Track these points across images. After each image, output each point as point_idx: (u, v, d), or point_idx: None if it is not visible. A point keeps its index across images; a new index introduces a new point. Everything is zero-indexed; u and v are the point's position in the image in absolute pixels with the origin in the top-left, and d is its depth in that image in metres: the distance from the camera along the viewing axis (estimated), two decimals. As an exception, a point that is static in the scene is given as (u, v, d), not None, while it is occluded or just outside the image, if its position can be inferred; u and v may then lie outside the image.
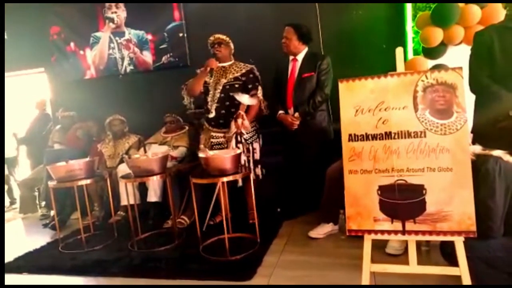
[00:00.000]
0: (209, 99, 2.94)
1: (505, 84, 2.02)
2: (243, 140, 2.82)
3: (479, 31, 2.28)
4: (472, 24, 2.84)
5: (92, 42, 4.27)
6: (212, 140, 2.98)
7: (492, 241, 1.62)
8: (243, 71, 2.94)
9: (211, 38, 2.95)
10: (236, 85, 2.90)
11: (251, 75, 2.94)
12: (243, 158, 2.82)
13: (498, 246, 1.62)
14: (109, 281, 2.25)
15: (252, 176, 2.87)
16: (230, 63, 3.01)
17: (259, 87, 2.92)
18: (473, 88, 2.05)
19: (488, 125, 2.01)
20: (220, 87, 2.89)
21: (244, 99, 2.79)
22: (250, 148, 2.92)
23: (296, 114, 2.86)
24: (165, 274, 2.24)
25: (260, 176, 3.00)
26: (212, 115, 2.91)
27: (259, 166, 3.00)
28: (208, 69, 2.90)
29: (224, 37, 2.93)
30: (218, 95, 2.89)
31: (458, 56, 2.46)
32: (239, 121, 2.73)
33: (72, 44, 4.35)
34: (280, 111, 2.94)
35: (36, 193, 4.09)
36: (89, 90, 4.33)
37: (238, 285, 2.04)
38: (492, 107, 2.00)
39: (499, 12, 2.39)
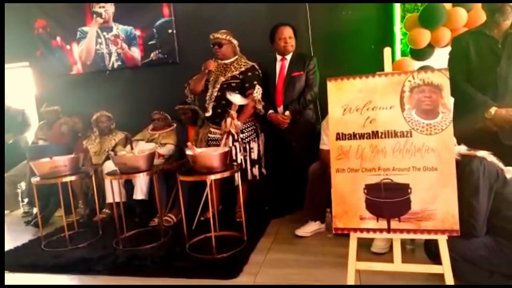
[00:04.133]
0: (207, 97, 2.92)
1: (481, 87, 2.09)
2: (239, 139, 2.81)
3: (456, 36, 2.36)
4: (458, 26, 2.88)
5: (79, 36, 4.19)
6: (209, 135, 2.99)
7: (474, 240, 1.65)
8: (242, 69, 2.90)
9: (211, 37, 2.90)
10: (233, 84, 2.87)
11: (249, 74, 2.89)
12: (240, 157, 2.82)
13: (480, 245, 1.65)
14: (93, 279, 2.21)
15: (249, 176, 2.87)
16: (232, 59, 2.96)
17: (257, 87, 2.85)
18: (450, 92, 2.11)
19: (466, 127, 2.06)
20: (218, 86, 2.87)
21: (235, 98, 2.78)
22: (247, 147, 2.91)
23: (287, 113, 2.87)
24: (151, 272, 2.22)
25: (257, 177, 2.98)
26: (208, 113, 2.91)
27: (257, 166, 2.97)
28: (207, 71, 2.89)
29: (222, 36, 2.88)
30: (215, 93, 2.87)
31: (445, 58, 2.52)
32: (228, 120, 2.73)
33: (58, 39, 4.26)
34: (270, 111, 2.94)
35: (19, 190, 4.00)
36: (75, 86, 4.24)
37: (224, 283, 2.03)
38: (469, 110, 2.06)
39: (484, 16, 2.44)
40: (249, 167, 2.91)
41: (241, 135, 2.84)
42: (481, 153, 1.67)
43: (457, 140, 1.71)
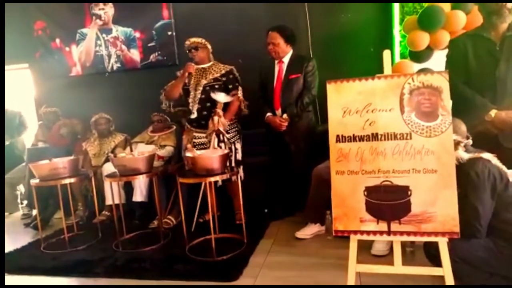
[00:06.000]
0: (190, 100, 2.95)
1: (480, 90, 2.09)
2: (225, 140, 2.82)
3: (453, 38, 2.35)
4: (457, 29, 2.90)
5: (78, 38, 4.19)
6: (194, 140, 2.98)
7: (473, 241, 1.65)
8: (223, 71, 2.97)
9: (187, 42, 2.97)
10: (216, 86, 2.92)
11: (231, 76, 2.97)
12: None
13: (479, 246, 1.66)
14: (93, 282, 2.21)
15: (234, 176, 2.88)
16: (209, 64, 3.03)
17: (239, 87, 2.96)
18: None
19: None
20: (201, 88, 2.91)
21: (220, 97, 2.82)
22: (233, 148, 2.94)
23: (285, 116, 2.87)
24: (150, 274, 2.22)
25: (242, 177, 2.99)
26: (194, 116, 2.93)
27: (242, 166, 3.01)
28: (186, 74, 2.92)
29: (199, 40, 2.95)
30: (199, 96, 2.91)
31: (444, 60, 2.53)
32: (215, 118, 2.76)
33: (57, 40, 4.26)
34: (268, 113, 2.94)
35: (18, 192, 3.99)
36: (74, 88, 4.24)
37: (224, 285, 2.03)
38: (468, 113, 2.05)
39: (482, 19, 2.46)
40: (234, 167, 2.91)
41: (226, 135, 2.86)
42: (486, 155, 1.67)
43: (467, 137, 1.72)
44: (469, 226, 1.56)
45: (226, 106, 2.89)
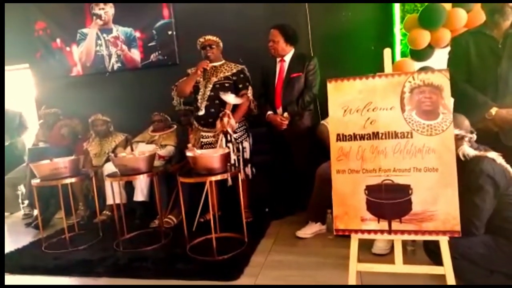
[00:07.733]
0: (199, 97, 2.92)
1: (481, 87, 2.09)
2: (232, 139, 2.82)
3: (456, 36, 2.35)
4: (458, 27, 2.89)
5: (79, 38, 4.20)
6: (202, 140, 2.97)
7: (473, 239, 1.65)
8: (234, 71, 2.96)
9: (201, 40, 2.93)
10: (226, 84, 2.91)
11: (241, 75, 2.96)
12: (233, 157, 2.82)
13: (479, 243, 1.66)
14: (94, 281, 2.21)
15: (241, 175, 2.88)
16: (221, 62, 3.01)
17: (250, 87, 2.94)
18: (450, 92, 2.11)
19: None
20: (211, 86, 2.89)
21: (230, 98, 2.81)
22: (240, 147, 2.92)
23: (285, 114, 2.87)
24: (151, 274, 2.21)
25: (250, 176, 3.00)
26: (201, 112, 2.91)
27: (249, 165, 3.00)
28: (199, 71, 2.88)
29: (214, 38, 2.93)
30: (208, 93, 2.89)
31: (445, 58, 2.52)
32: (225, 119, 2.74)
33: (58, 40, 4.26)
34: (269, 112, 2.94)
35: (19, 192, 4.00)
36: (75, 88, 4.25)
37: (225, 285, 2.03)
38: (469, 110, 2.05)
39: (484, 17, 2.45)
40: (242, 167, 2.91)
41: (234, 135, 2.85)
42: (491, 154, 1.67)
43: (471, 132, 1.71)
44: (468, 223, 1.57)
45: (236, 105, 2.88)
